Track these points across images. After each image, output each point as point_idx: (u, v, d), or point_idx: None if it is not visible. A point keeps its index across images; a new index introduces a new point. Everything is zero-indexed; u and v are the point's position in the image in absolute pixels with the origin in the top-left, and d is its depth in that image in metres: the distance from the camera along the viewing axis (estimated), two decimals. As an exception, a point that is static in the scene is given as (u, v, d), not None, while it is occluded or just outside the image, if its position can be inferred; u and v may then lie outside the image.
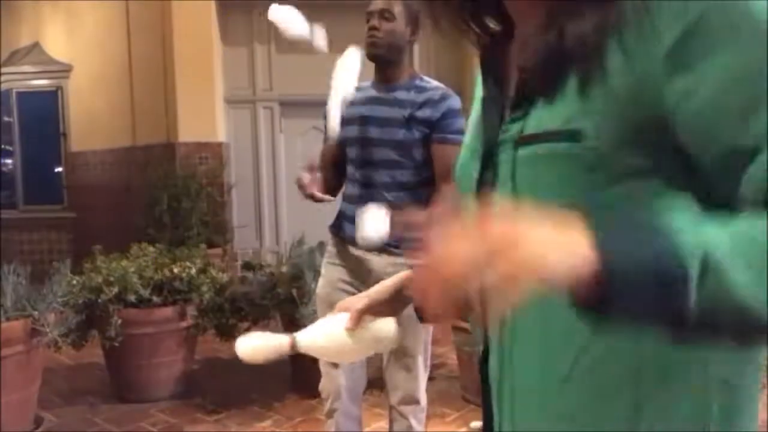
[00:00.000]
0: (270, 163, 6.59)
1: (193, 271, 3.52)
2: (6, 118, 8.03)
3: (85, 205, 7.49)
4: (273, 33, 6.49)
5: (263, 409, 3.38)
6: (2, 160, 8.36)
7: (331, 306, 2.13)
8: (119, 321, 3.28)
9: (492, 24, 0.79)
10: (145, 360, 3.48)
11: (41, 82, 7.82)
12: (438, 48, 6.77)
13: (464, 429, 3.14)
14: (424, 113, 2.10)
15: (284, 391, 3.59)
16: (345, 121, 2.17)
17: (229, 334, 3.62)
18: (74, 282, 3.31)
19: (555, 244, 0.49)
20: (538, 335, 0.65)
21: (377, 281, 2.06)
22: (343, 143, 2.21)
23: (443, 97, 2.14)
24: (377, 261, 2.10)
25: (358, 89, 2.22)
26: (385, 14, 2.12)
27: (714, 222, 0.54)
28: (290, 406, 3.44)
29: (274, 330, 3.67)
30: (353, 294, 2.10)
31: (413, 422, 2.22)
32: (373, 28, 2.13)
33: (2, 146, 8.24)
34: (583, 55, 0.62)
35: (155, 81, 6.33)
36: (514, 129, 0.68)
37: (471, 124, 0.82)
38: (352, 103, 2.18)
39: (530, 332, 0.65)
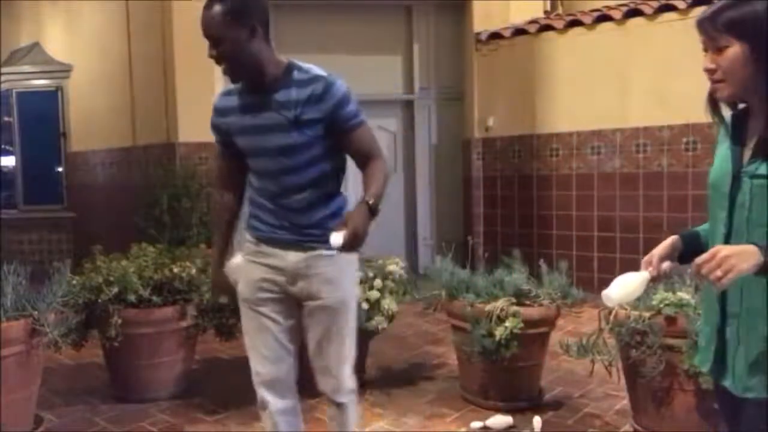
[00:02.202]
0: (270, 163, 6.58)
1: (193, 271, 3.52)
2: (6, 118, 8.03)
3: (85, 205, 7.49)
4: (273, 33, 6.49)
5: (263, 409, 3.38)
6: (2, 160, 8.36)
7: (255, 304, 2.15)
8: (119, 321, 3.27)
9: (740, 106, 1.50)
10: (145, 360, 3.48)
11: (41, 82, 7.82)
12: (438, 48, 6.77)
13: (464, 429, 3.14)
14: (311, 114, 2.00)
15: (284, 391, 3.59)
16: (234, 132, 2.14)
17: (229, 334, 3.62)
18: (74, 282, 3.31)
19: (749, 254, 1.27)
20: (751, 287, 1.40)
21: (293, 275, 2.12)
22: (236, 153, 2.19)
23: (326, 89, 1.99)
24: (291, 256, 2.11)
25: (229, 93, 2.17)
26: (214, 40, 1.97)
27: None
28: (290, 406, 3.44)
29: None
30: (273, 291, 2.14)
31: (348, 404, 2.25)
32: (212, 57, 2.01)
33: (2, 146, 8.24)
34: None
35: (155, 81, 6.32)
36: (751, 168, 1.40)
37: (720, 155, 1.50)
38: (228, 112, 2.13)
39: (751, 287, 1.40)
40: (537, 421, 3.08)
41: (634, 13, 5.51)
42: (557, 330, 3.56)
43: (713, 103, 1.50)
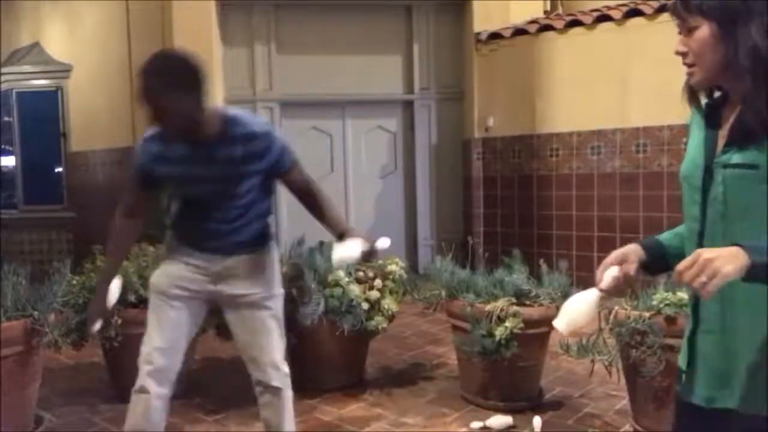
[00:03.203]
0: (270, 163, 6.58)
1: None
2: (6, 118, 8.02)
3: (85, 205, 7.49)
4: (273, 33, 6.50)
5: (263, 409, 3.37)
6: (2, 160, 8.35)
7: (169, 297, 2.27)
8: (119, 321, 3.28)
9: (716, 94, 1.43)
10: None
11: (41, 82, 7.82)
12: (438, 48, 6.77)
13: (464, 429, 3.14)
14: (255, 167, 2.18)
15: (284, 391, 3.59)
16: (170, 178, 2.24)
17: (230, 334, 3.61)
18: (74, 282, 3.31)
19: (734, 256, 1.13)
20: (736, 290, 1.26)
21: (217, 276, 2.29)
22: (153, 190, 2.35)
23: (268, 146, 2.19)
24: (217, 260, 2.30)
25: (158, 139, 2.20)
26: (151, 103, 2.04)
27: None
28: (290, 406, 3.43)
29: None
30: (189, 290, 2.29)
31: (285, 389, 2.42)
32: (166, 125, 2.10)
33: (2, 146, 8.24)
34: (760, 129, 1.26)
35: (155, 81, 6.32)
36: (724, 158, 1.32)
37: (692, 146, 1.43)
38: (162, 160, 2.19)
39: (737, 289, 1.25)
40: (537, 421, 3.08)
41: (634, 13, 5.51)
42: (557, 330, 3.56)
43: (691, 90, 1.43)
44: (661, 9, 5.33)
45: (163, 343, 2.30)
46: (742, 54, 1.27)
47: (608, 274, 1.43)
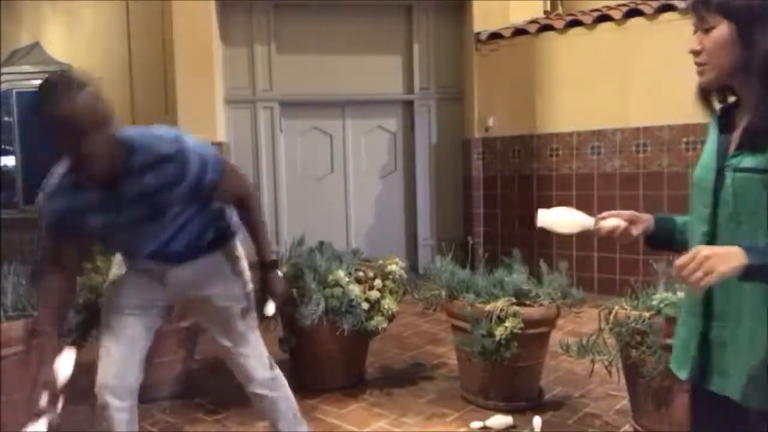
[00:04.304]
0: (270, 163, 6.59)
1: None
2: (6, 118, 8.02)
3: (85, 205, 7.49)
4: (273, 33, 6.50)
5: (263, 409, 3.37)
6: (2, 160, 8.36)
7: (127, 311, 2.21)
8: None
9: (729, 98, 1.45)
10: (146, 360, 3.47)
11: (41, 82, 7.81)
12: (438, 48, 6.77)
13: (464, 429, 3.14)
14: (175, 192, 1.95)
15: (284, 391, 3.59)
16: (90, 228, 1.99)
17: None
18: (74, 282, 3.31)
19: (731, 256, 1.19)
20: (738, 288, 1.34)
21: (175, 285, 2.23)
22: (77, 238, 2.05)
23: (182, 168, 1.90)
24: (173, 270, 2.22)
25: (61, 192, 2.02)
26: (78, 132, 1.77)
27: None
28: (290, 406, 3.43)
29: (275, 329, 3.64)
30: (147, 300, 2.24)
31: (270, 394, 2.39)
32: (69, 148, 1.87)
33: (2, 146, 8.24)
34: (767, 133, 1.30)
35: (155, 81, 6.33)
36: (734, 162, 1.36)
37: (706, 151, 1.46)
38: (76, 212, 1.96)
39: (737, 288, 1.34)
40: (537, 421, 3.08)
41: (634, 13, 5.51)
42: (557, 330, 3.56)
43: (704, 93, 1.45)
44: (662, 9, 5.33)
45: (120, 362, 2.27)
46: (757, 58, 1.30)
47: (614, 221, 1.54)
